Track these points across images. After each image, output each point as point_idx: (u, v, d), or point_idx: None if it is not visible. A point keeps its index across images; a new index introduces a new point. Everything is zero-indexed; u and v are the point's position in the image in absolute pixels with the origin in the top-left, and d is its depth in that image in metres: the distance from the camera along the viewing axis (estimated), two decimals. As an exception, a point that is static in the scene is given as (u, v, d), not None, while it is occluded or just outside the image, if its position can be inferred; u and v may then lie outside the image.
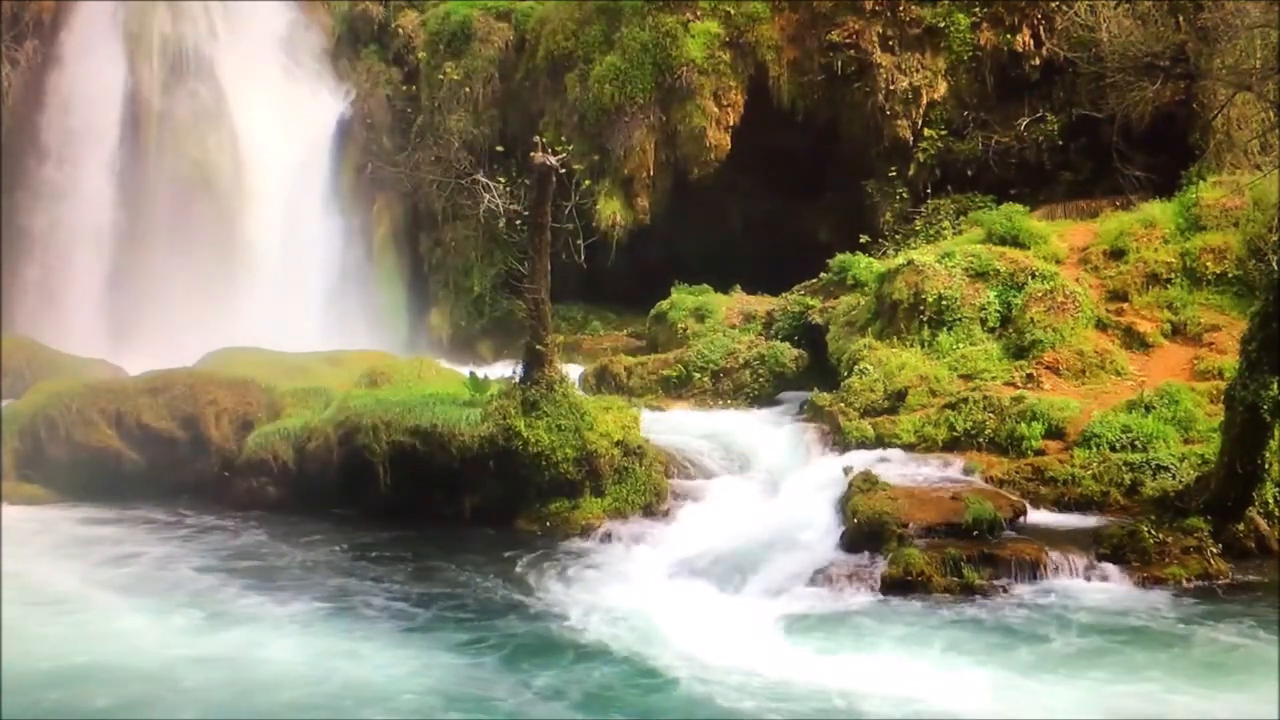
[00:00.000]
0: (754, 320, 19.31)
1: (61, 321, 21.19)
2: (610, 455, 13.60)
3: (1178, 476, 12.63)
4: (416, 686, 8.94)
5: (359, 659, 9.51)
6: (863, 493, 12.36)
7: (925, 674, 9.12)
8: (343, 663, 9.41)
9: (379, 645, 9.83)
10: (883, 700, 8.67)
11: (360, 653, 9.64)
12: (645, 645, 9.75)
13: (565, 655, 9.65)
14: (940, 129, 21.19)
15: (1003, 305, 16.18)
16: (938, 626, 10.16)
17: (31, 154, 22.55)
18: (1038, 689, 8.82)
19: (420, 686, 8.95)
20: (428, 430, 13.78)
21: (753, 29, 21.72)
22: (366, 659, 9.51)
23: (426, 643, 9.90)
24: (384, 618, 10.57)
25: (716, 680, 9.02)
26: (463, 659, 9.54)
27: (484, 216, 21.11)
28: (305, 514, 14.01)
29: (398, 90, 24.51)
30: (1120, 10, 18.60)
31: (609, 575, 11.67)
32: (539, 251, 13.67)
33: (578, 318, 23.14)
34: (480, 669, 9.35)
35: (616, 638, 9.96)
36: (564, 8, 23.01)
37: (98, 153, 22.46)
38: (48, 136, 22.64)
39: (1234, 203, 16.53)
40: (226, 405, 15.24)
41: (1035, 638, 9.91)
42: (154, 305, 21.45)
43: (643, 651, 9.62)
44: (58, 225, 22.36)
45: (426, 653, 9.65)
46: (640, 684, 9.04)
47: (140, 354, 18.02)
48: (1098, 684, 8.92)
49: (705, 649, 9.65)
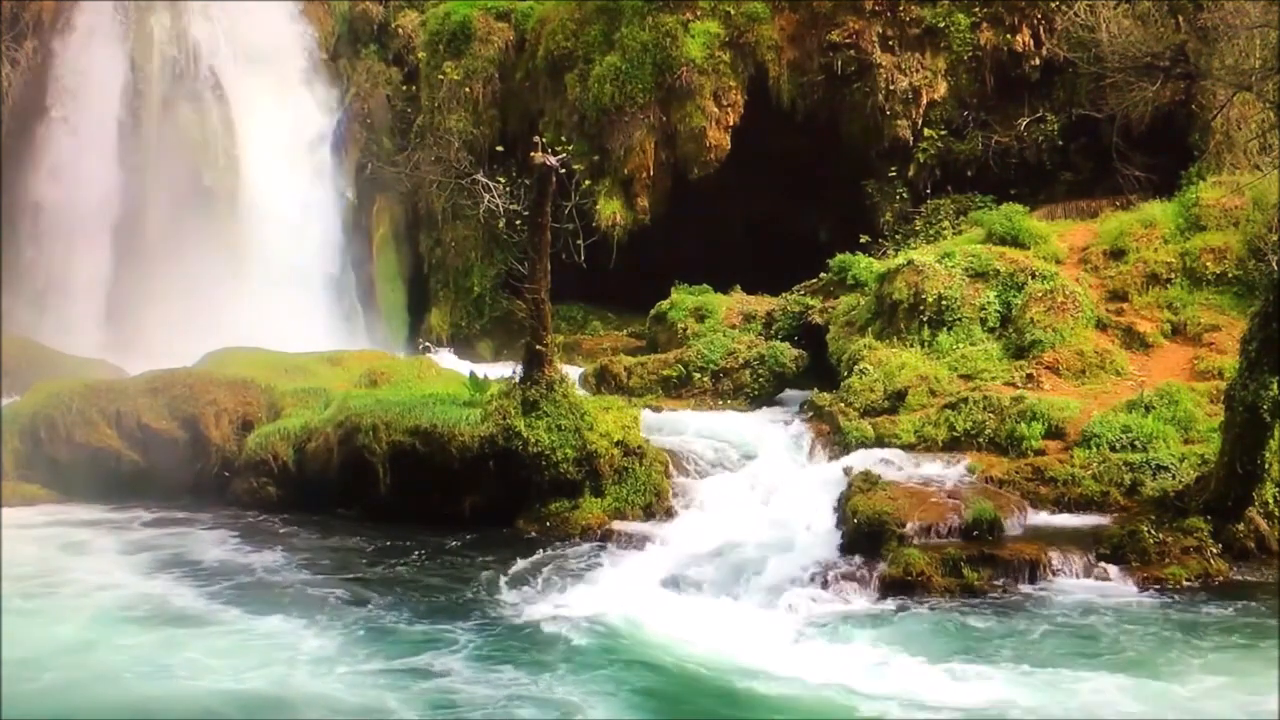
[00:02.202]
0: (754, 320, 19.31)
1: (61, 321, 21.18)
2: (610, 455, 13.60)
3: (1178, 476, 12.62)
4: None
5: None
6: (863, 493, 12.36)
7: (925, 674, 9.12)
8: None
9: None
10: (883, 700, 8.67)
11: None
12: (644, 646, 9.74)
13: (562, 656, 9.65)
14: (940, 129, 21.19)
15: (1003, 305, 16.19)
16: (937, 626, 10.15)
17: (31, 154, 22.53)
18: (1038, 689, 8.82)
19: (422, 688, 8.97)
20: (428, 430, 13.78)
21: (753, 29, 21.72)
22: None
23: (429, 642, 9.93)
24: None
25: (716, 681, 9.01)
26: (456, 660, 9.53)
27: (484, 216, 21.27)
28: (307, 514, 14.02)
29: (398, 90, 24.50)
30: (1120, 10, 18.61)
31: (608, 575, 11.65)
32: (539, 251, 13.67)
33: (578, 318, 23.13)
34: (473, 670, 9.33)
35: (615, 639, 9.95)
36: (564, 8, 23.00)
37: (97, 152, 22.44)
38: (47, 136, 22.63)
39: (1234, 203, 16.53)
40: (226, 405, 15.23)
41: (1035, 638, 9.90)
42: (154, 305, 21.42)
43: (642, 652, 9.61)
44: (57, 225, 22.33)
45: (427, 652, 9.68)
46: (640, 685, 9.03)
47: (140, 354, 18.01)
48: (1098, 684, 8.91)
49: (705, 649, 9.65)
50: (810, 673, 9.19)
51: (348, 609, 10.78)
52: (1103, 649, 9.65)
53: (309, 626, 10.29)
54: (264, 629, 10.27)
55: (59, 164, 22.45)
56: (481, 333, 23.35)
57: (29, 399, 15.48)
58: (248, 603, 10.94)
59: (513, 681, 9.10)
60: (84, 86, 22.66)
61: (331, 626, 10.31)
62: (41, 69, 22.76)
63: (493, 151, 21.98)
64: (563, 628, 10.24)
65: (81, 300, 21.91)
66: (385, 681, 9.07)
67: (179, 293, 21.38)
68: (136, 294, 21.69)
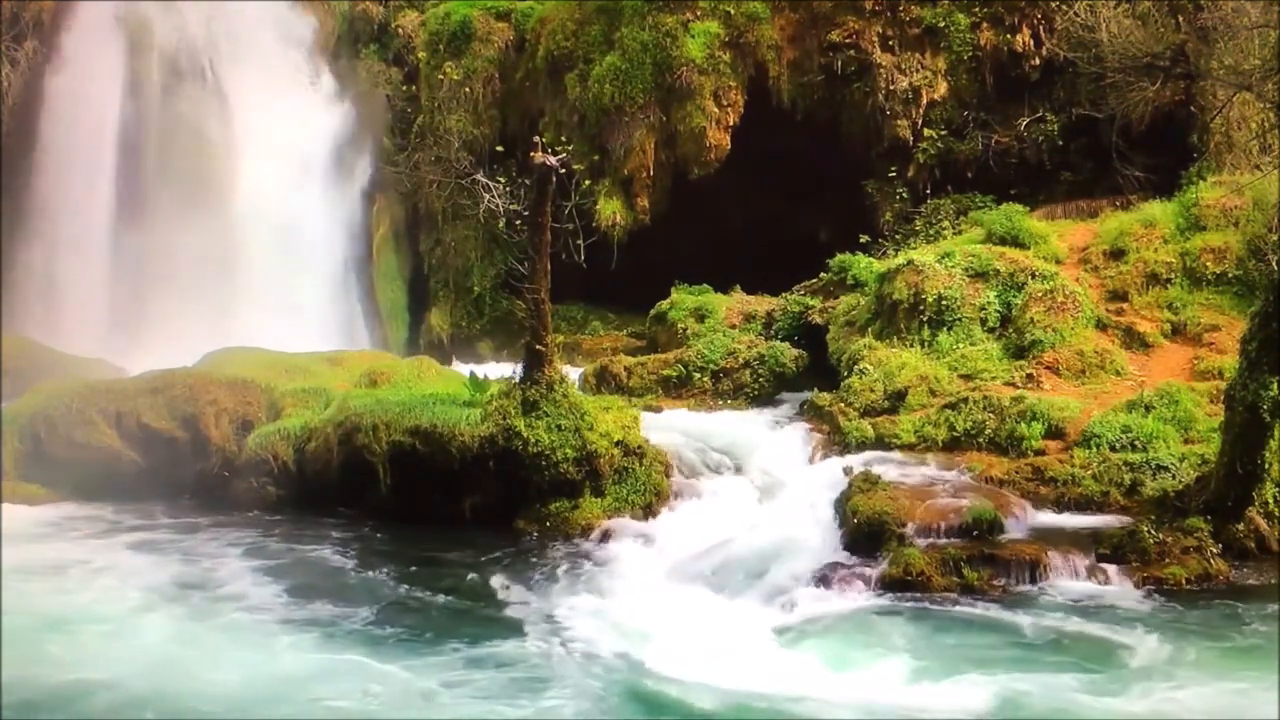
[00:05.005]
0: (754, 320, 19.32)
1: (61, 321, 21.17)
2: (610, 455, 13.60)
3: (1178, 476, 12.63)
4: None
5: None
6: (863, 492, 12.37)
7: (924, 674, 9.12)
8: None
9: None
10: (882, 700, 8.67)
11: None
12: (643, 647, 9.73)
13: (562, 656, 9.65)
14: (940, 129, 21.19)
15: (1003, 305, 16.19)
16: (938, 627, 10.15)
17: (31, 154, 22.54)
18: (1038, 689, 8.82)
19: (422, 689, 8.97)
20: (428, 430, 13.78)
21: (753, 29, 21.72)
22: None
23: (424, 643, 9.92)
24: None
25: (715, 681, 9.01)
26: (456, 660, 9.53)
27: (484, 216, 21.26)
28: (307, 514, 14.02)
29: (398, 90, 24.50)
30: (1120, 10, 18.59)
31: (608, 576, 11.66)
32: (539, 251, 13.66)
33: (578, 318, 23.13)
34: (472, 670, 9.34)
35: (613, 640, 9.94)
36: (564, 8, 23.00)
37: (97, 152, 22.44)
38: (47, 137, 22.63)
39: (1234, 203, 16.54)
40: (226, 405, 15.23)
41: (1035, 638, 9.90)
42: (153, 305, 21.43)
43: (640, 653, 9.61)
44: (57, 226, 22.34)
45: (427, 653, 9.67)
46: (638, 685, 9.02)
47: (140, 354, 18.00)
48: (1098, 684, 8.92)
49: (704, 650, 9.65)
50: (809, 672, 9.19)
51: (348, 609, 10.77)
52: (1102, 649, 9.64)
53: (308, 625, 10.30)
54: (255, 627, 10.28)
55: (59, 164, 22.45)
56: (481, 333, 23.36)
57: (29, 399, 15.48)
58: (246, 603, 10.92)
59: (512, 681, 9.10)
60: (84, 86, 22.66)
61: (332, 626, 10.30)
62: (41, 69, 22.77)
63: (493, 151, 21.97)
64: (563, 628, 10.24)
65: (81, 300, 21.91)
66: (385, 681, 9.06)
67: (178, 292, 21.39)
68: (136, 294, 21.70)
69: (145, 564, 12.07)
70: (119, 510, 14.21)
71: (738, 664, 9.36)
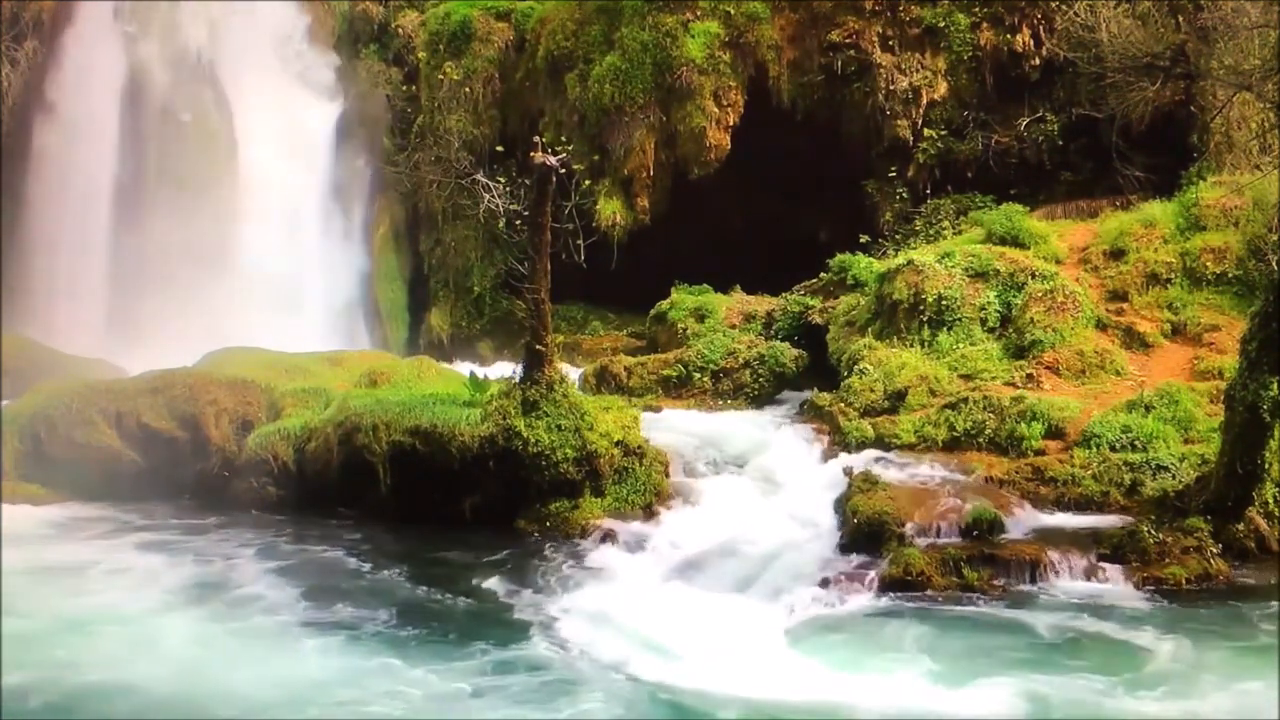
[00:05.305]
0: (754, 320, 19.32)
1: (61, 321, 21.19)
2: (610, 455, 13.59)
3: (1178, 476, 12.63)
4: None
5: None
6: (863, 492, 12.37)
7: (924, 674, 9.11)
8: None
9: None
10: (882, 701, 8.66)
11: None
12: (642, 647, 9.71)
13: (562, 656, 9.65)
14: (940, 129, 21.19)
15: (1003, 305, 16.19)
16: (937, 626, 10.14)
17: (31, 154, 22.54)
18: (1037, 689, 8.81)
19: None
20: (428, 430, 13.77)
21: (753, 29, 21.72)
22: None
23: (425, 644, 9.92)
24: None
25: (715, 682, 9.00)
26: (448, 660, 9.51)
27: (484, 216, 21.26)
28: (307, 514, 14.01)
29: (398, 90, 24.51)
30: (1120, 10, 18.60)
31: (608, 576, 11.64)
32: (539, 251, 13.65)
33: (578, 318, 23.13)
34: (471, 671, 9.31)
35: (612, 640, 9.91)
36: (564, 8, 23.00)
37: (97, 153, 22.45)
38: (47, 137, 22.63)
39: (1234, 203, 16.54)
40: (226, 405, 15.22)
41: (1034, 638, 9.89)
42: (153, 305, 21.43)
43: (639, 653, 9.59)
44: (57, 225, 22.34)
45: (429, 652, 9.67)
46: (638, 686, 9.02)
47: (140, 354, 18.00)
48: (1098, 684, 8.91)
49: (703, 650, 9.63)
50: (809, 672, 9.18)
51: (367, 611, 10.73)
52: (1101, 649, 9.63)
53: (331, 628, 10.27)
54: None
55: (59, 164, 22.46)
56: (481, 333, 23.37)
57: (29, 399, 15.47)
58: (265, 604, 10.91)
59: (512, 681, 9.09)
60: (83, 86, 22.68)
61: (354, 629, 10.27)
62: (41, 69, 22.78)
63: (493, 151, 21.97)
64: (563, 628, 10.23)
65: (81, 300, 21.92)
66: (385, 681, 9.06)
67: (178, 292, 21.39)
68: (136, 294, 21.70)
69: (159, 565, 12.01)
70: (122, 510, 14.18)
71: (757, 669, 9.24)
